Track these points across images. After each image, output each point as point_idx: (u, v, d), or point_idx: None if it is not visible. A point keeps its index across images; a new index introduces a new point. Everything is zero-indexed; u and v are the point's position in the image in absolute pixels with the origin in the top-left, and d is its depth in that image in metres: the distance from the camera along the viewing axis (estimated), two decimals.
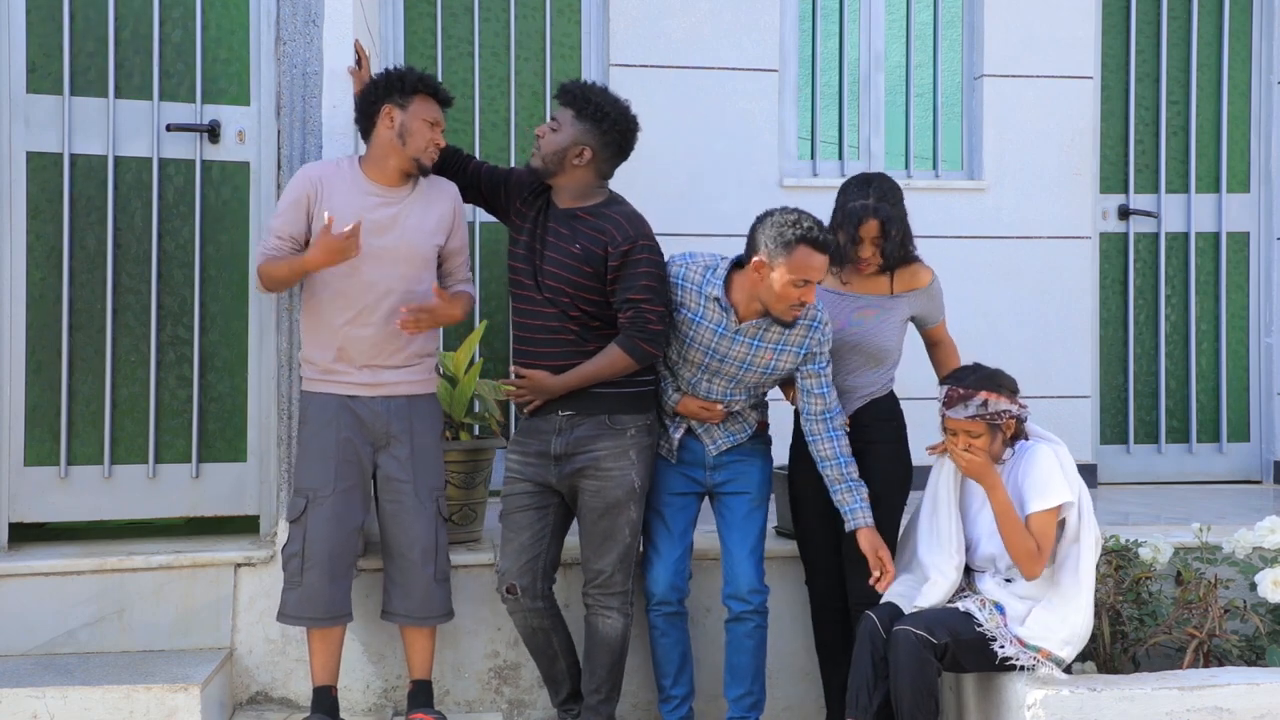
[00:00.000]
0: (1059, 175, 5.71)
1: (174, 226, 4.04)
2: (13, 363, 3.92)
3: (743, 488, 3.75)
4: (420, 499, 3.68)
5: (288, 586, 3.64)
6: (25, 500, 3.95)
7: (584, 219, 3.61)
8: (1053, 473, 3.46)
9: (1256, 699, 3.39)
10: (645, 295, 3.55)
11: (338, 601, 3.65)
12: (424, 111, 3.62)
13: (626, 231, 3.57)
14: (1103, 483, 5.80)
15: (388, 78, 3.62)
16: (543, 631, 3.77)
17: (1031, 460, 3.50)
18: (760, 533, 3.78)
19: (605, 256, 3.55)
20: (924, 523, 3.67)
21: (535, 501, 3.70)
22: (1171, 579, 3.84)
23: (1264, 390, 5.99)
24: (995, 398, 3.46)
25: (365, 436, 3.66)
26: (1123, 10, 5.88)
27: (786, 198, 4.97)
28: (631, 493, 3.64)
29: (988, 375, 3.51)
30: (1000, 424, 3.48)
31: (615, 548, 3.66)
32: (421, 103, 3.63)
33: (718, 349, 3.65)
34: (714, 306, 3.63)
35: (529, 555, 3.70)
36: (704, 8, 5.47)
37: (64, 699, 3.49)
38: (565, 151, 3.60)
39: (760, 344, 3.64)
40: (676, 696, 3.83)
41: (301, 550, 3.61)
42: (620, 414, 3.63)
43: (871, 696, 3.45)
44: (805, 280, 3.51)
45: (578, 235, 3.59)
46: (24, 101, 3.92)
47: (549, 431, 3.66)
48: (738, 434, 3.77)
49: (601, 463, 3.61)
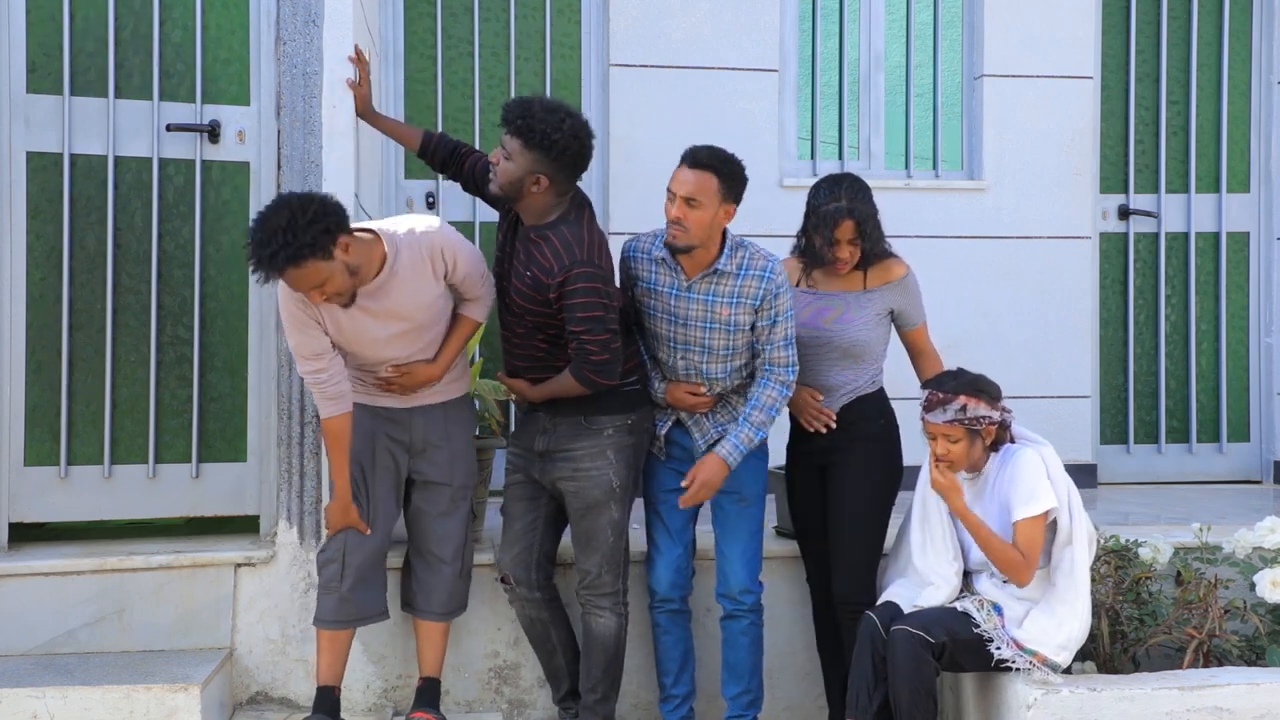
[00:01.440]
0: (1059, 175, 5.71)
1: (174, 226, 4.04)
2: (13, 363, 3.92)
3: (731, 486, 3.72)
4: (455, 501, 3.74)
5: (324, 592, 3.65)
6: (25, 500, 3.95)
7: (536, 243, 3.53)
8: (1038, 478, 3.45)
9: (1256, 699, 3.39)
10: (584, 327, 3.45)
11: (371, 602, 3.70)
12: (312, 278, 3.31)
13: (563, 261, 3.44)
14: (1103, 483, 5.80)
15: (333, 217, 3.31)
16: (541, 623, 3.81)
17: (1016, 466, 3.49)
18: (751, 532, 3.76)
19: (548, 286, 3.48)
20: (916, 531, 3.66)
21: (527, 493, 3.76)
22: (1171, 579, 3.84)
23: (1264, 390, 5.99)
24: (975, 403, 3.45)
25: (401, 440, 3.69)
26: (1123, 10, 5.88)
27: (787, 197, 4.98)
28: (610, 493, 3.63)
29: (969, 380, 3.51)
30: (980, 429, 3.46)
31: (598, 548, 3.67)
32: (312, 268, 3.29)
33: (676, 311, 3.65)
34: (663, 269, 3.66)
35: (522, 545, 3.75)
36: (704, 8, 5.47)
37: (64, 699, 3.49)
38: (521, 181, 3.49)
39: (714, 299, 3.63)
40: (677, 696, 3.83)
41: (341, 558, 3.63)
42: (597, 414, 3.63)
43: (872, 697, 3.46)
44: (669, 192, 3.53)
45: (530, 261, 3.53)
46: (24, 101, 3.92)
47: (535, 430, 3.70)
48: (727, 425, 3.72)
49: (579, 463, 3.63)
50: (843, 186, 3.74)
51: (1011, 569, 3.42)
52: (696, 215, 3.52)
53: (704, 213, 3.52)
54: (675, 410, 3.76)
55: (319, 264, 3.25)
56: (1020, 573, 3.41)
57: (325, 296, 3.33)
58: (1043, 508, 3.42)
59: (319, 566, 3.69)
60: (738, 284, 3.62)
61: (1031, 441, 3.58)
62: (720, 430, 3.72)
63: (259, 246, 3.21)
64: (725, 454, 3.62)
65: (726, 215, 3.59)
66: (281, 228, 3.18)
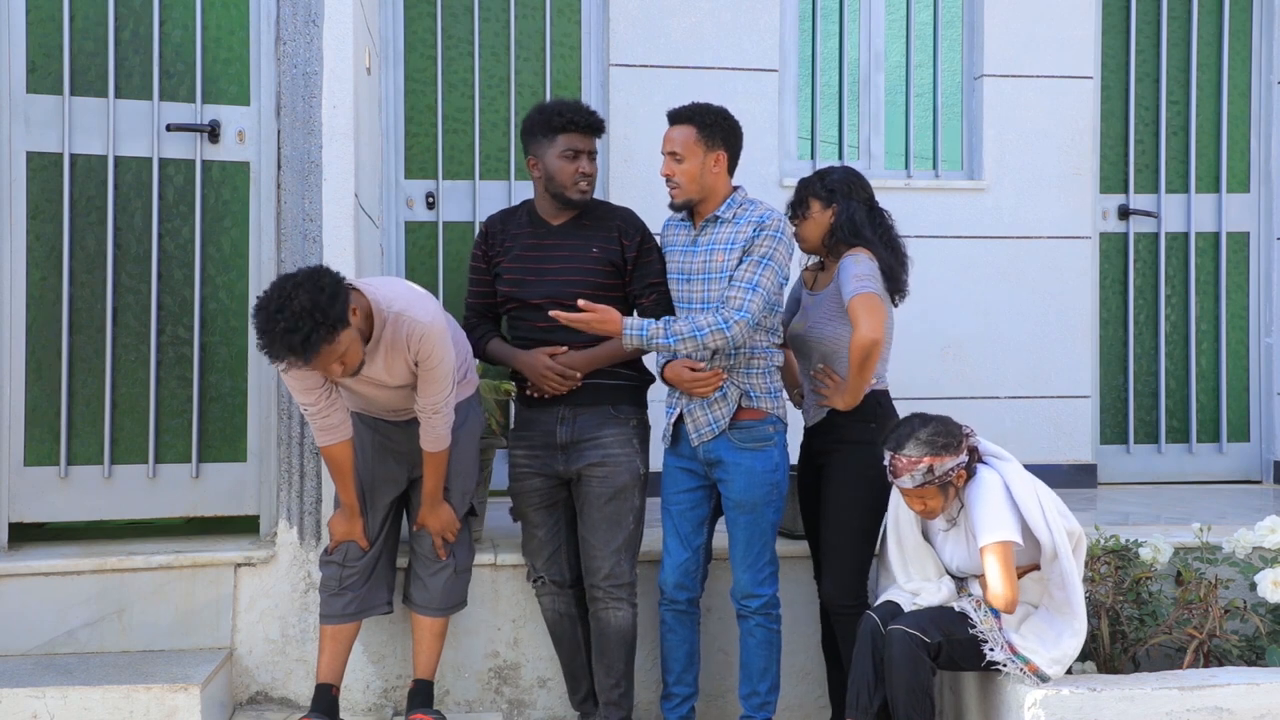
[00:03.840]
0: (1059, 175, 5.70)
1: (174, 226, 4.04)
2: (13, 363, 3.92)
3: (726, 490, 3.71)
4: (455, 504, 3.75)
5: (328, 592, 3.68)
6: (25, 500, 3.95)
7: (586, 226, 3.77)
8: (997, 507, 3.39)
9: (1256, 699, 3.39)
10: (661, 279, 3.73)
11: (374, 598, 3.74)
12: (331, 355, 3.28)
13: (636, 223, 3.78)
14: (1103, 483, 5.80)
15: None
16: (569, 619, 3.85)
17: (977, 495, 3.44)
18: (749, 536, 3.69)
19: (624, 248, 3.73)
20: (894, 557, 3.63)
21: (545, 500, 3.78)
22: (1171, 579, 3.84)
23: (1264, 390, 5.99)
24: (940, 460, 3.39)
25: (400, 451, 3.70)
26: (1123, 10, 5.88)
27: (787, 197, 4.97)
28: (636, 478, 3.71)
29: (927, 438, 3.41)
30: (951, 480, 3.44)
31: (620, 533, 3.70)
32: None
33: (684, 267, 3.73)
34: (681, 229, 3.79)
35: (551, 548, 3.81)
36: (704, 8, 5.46)
37: (64, 699, 3.49)
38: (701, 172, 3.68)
39: (714, 246, 3.67)
40: (677, 695, 3.81)
41: (342, 561, 3.68)
42: (623, 404, 3.73)
43: (872, 697, 3.45)
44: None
45: (591, 241, 3.73)
46: (24, 101, 3.92)
47: (552, 422, 3.71)
48: (719, 418, 3.66)
49: (609, 449, 3.68)
50: (828, 174, 3.84)
51: (994, 602, 3.38)
52: (684, 169, 3.65)
53: (690, 164, 3.65)
54: (681, 398, 3.73)
55: (347, 334, 3.22)
56: (996, 603, 3.37)
57: (344, 368, 3.28)
58: (1000, 538, 3.36)
59: (320, 564, 3.73)
60: (734, 230, 3.66)
61: (995, 460, 3.52)
62: (713, 426, 3.66)
63: (288, 334, 3.11)
64: (628, 322, 3.52)
65: (717, 163, 3.68)
66: (307, 309, 3.11)
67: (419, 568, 3.77)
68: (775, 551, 3.76)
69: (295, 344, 3.12)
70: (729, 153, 3.70)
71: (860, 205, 3.78)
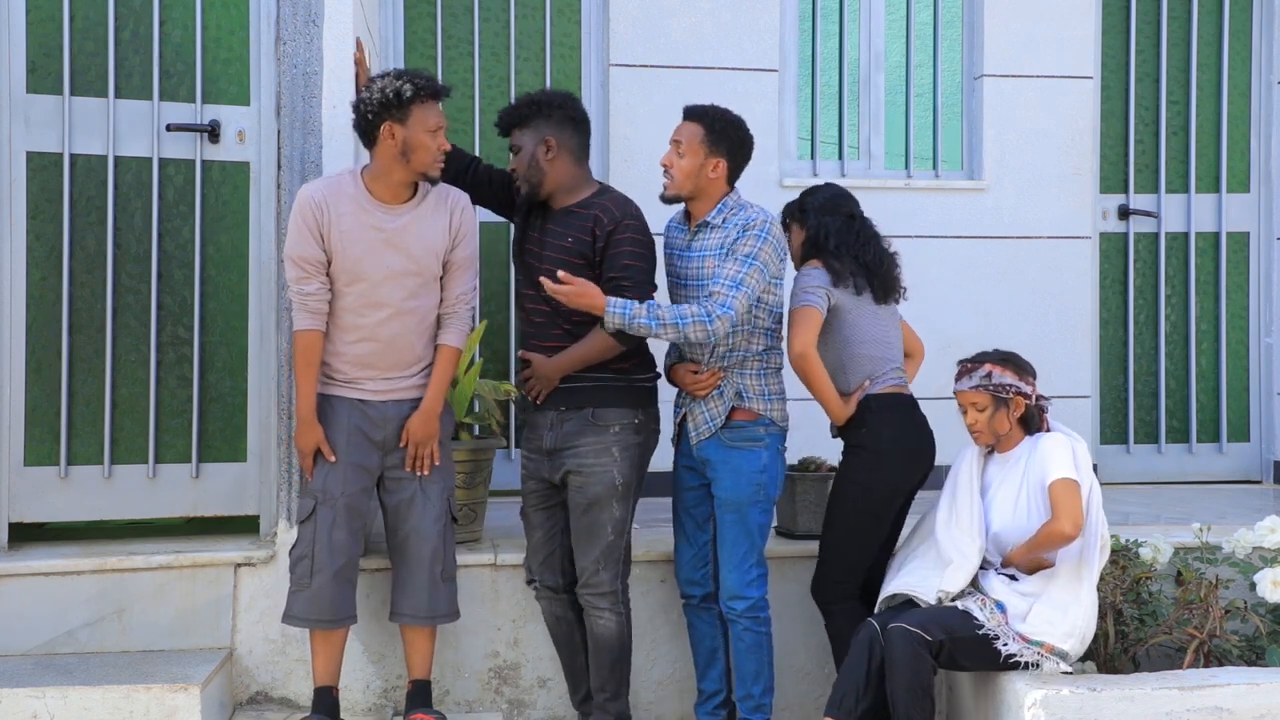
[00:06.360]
0: (1059, 175, 5.70)
1: (174, 226, 4.04)
2: (13, 363, 3.92)
3: (715, 489, 3.72)
4: (429, 498, 3.69)
5: (295, 589, 3.64)
6: (25, 500, 3.95)
7: (575, 213, 3.67)
8: (1070, 457, 3.51)
9: (1256, 699, 3.39)
10: (623, 274, 3.59)
11: (343, 604, 3.65)
12: (425, 121, 3.53)
13: (613, 214, 3.62)
14: (1103, 483, 5.70)
15: (383, 95, 3.50)
16: (566, 622, 3.83)
17: (1049, 445, 3.54)
18: (735, 536, 3.68)
19: (595, 239, 3.60)
20: (944, 508, 3.68)
21: (543, 501, 3.78)
22: (1171, 579, 3.84)
23: (1264, 390, 5.99)
24: (1001, 370, 3.54)
25: (375, 439, 3.66)
26: (1123, 10, 5.88)
27: (787, 197, 4.96)
28: (613, 490, 3.64)
29: (1000, 352, 3.62)
30: (1007, 398, 3.51)
31: (597, 545, 3.66)
32: (420, 111, 3.53)
33: (679, 271, 3.75)
34: (680, 231, 3.79)
35: (545, 551, 3.80)
36: (704, 8, 5.46)
37: (64, 699, 3.49)
38: (534, 155, 3.65)
39: (705, 253, 3.68)
40: (704, 692, 3.86)
41: (311, 553, 3.60)
42: (604, 408, 3.64)
43: (859, 701, 3.44)
44: (436, 128, 3.56)
45: (569, 228, 3.65)
46: (24, 101, 3.92)
47: (544, 427, 3.71)
48: (715, 415, 3.68)
49: (584, 458, 3.64)
50: (814, 192, 3.94)
51: (1057, 527, 3.42)
52: (682, 163, 3.67)
53: (689, 160, 3.66)
54: (686, 398, 3.75)
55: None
56: (1063, 527, 3.41)
57: (440, 130, 3.56)
58: (1074, 477, 3.46)
59: (291, 564, 3.65)
60: (722, 235, 3.66)
61: (1065, 433, 3.63)
62: (709, 424, 3.68)
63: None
64: (611, 301, 3.51)
65: (715, 169, 3.67)
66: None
67: (400, 571, 3.71)
68: (764, 555, 3.76)
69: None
70: (730, 163, 3.70)
71: (837, 219, 3.83)
